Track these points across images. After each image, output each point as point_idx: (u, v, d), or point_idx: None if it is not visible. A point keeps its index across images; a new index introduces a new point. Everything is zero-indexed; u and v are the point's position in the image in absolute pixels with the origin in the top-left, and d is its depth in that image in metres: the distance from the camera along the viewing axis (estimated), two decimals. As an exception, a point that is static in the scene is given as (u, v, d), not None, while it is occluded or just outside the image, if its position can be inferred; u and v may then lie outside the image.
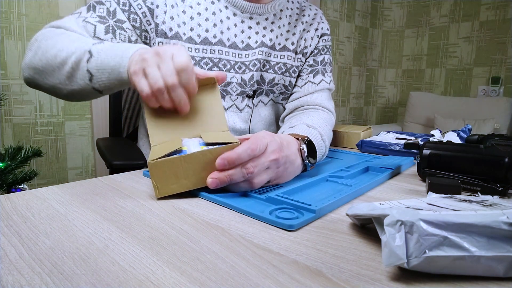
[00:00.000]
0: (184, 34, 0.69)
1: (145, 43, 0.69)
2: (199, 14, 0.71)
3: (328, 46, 0.88)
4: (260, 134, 0.47)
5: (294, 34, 0.81)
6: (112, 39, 0.65)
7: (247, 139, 0.46)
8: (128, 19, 0.66)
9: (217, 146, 0.44)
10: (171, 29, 0.68)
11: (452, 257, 0.25)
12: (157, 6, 0.67)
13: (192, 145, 0.46)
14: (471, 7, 2.80)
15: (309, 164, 0.55)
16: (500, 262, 0.25)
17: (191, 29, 0.70)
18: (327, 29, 0.88)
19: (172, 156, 0.43)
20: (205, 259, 0.29)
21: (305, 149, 0.53)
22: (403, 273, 0.27)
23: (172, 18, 0.68)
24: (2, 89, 1.51)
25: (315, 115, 0.74)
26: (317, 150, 0.59)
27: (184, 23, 0.69)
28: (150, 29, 0.68)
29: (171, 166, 0.43)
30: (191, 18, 0.70)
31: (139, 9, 0.67)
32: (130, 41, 0.67)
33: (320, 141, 0.62)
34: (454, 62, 2.93)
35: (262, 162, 0.45)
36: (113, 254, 0.30)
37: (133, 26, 0.67)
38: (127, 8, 0.66)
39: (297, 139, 0.55)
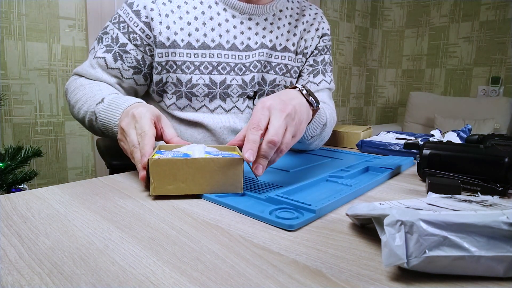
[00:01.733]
0: (182, 40, 0.70)
1: (151, 56, 0.72)
2: (195, 18, 0.71)
3: (328, 46, 0.88)
4: (258, 112, 0.47)
5: (294, 34, 0.81)
6: (122, 64, 0.70)
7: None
8: (129, 40, 0.69)
9: (220, 156, 0.44)
10: (168, 39, 0.69)
11: (452, 257, 0.25)
12: (152, 19, 0.69)
13: (197, 151, 0.46)
14: (471, 7, 2.80)
15: (316, 103, 0.55)
16: (500, 262, 0.25)
17: (189, 35, 0.70)
18: (328, 29, 0.88)
19: (174, 157, 0.43)
20: (205, 259, 0.29)
21: (304, 89, 0.55)
22: (403, 273, 0.27)
23: (168, 27, 0.69)
24: (2, 89, 1.51)
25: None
26: (319, 111, 0.60)
27: (181, 29, 0.70)
28: (151, 42, 0.70)
29: (172, 166, 0.43)
30: (188, 23, 0.70)
31: (136, 26, 0.69)
32: (137, 60, 0.71)
33: (322, 109, 0.63)
34: (454, 62, 2.93)
35: (279, 126, 0.45)
36: (113, 254, 0.30)
37: (135, 45, 0.69)
38: (126, 30, 0.69)
39: (292, 88, 0.56)
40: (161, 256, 0.29)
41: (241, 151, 0.45)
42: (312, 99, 0.55)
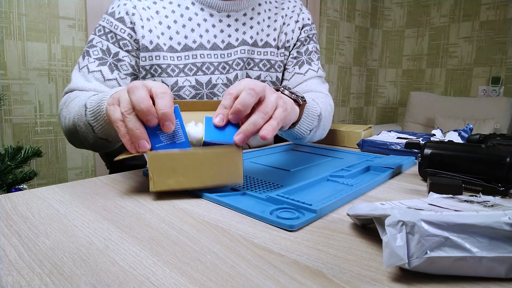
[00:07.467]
0: (164, 44, 0.70)
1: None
2: (175, 22, 0.71)
3: (311, 36, 0.86)
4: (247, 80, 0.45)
5: (275, 29, 0.81)
6: (119, 74, 0.69)
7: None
8: (120, 47, 0.69)
9: (219, 147, 0.44)
10: (151, 42, 0.69)
11: (454, 258, 0.25)
12: (135, 24, 0.69)
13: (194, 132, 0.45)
14: (471, 7, 2.80)
15: (300, 98, 0.54)
16: (501, 262, 0.25)
17: (170, 38, 0.70)
18: (308, 19, 0.86)
19: (173, 151, 0.43)
20: (206, 259, 0.29)
21: (285, 90, 0.53)
22: (404, 274, 0.27)
23: (150, 31, 0.69)
24: (2, 89, 1.51)
25: (309, 94, 0.75)
26: (308, 104, 0.59)
27: (162, 33, 0.70)
28: (138, 46, 0.70)
29: (171, 160, 0.42)
30: (168, 27, 0.71)
31: (123, 32, 0.69)
32: (131, 66, 0.70)
33: (312, 101, 0.62)
34: (454, 62, 2.93)
35: (271, 100, 0.43)
36: (113, 254, 0.30)
37: (127, 51, 0.69)
38: (115, 39, 0.69)
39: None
40: (162, 257, 0.29)
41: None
42: (295, 96, 0.53)
